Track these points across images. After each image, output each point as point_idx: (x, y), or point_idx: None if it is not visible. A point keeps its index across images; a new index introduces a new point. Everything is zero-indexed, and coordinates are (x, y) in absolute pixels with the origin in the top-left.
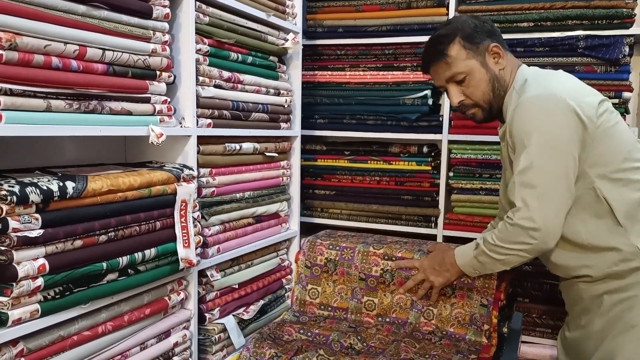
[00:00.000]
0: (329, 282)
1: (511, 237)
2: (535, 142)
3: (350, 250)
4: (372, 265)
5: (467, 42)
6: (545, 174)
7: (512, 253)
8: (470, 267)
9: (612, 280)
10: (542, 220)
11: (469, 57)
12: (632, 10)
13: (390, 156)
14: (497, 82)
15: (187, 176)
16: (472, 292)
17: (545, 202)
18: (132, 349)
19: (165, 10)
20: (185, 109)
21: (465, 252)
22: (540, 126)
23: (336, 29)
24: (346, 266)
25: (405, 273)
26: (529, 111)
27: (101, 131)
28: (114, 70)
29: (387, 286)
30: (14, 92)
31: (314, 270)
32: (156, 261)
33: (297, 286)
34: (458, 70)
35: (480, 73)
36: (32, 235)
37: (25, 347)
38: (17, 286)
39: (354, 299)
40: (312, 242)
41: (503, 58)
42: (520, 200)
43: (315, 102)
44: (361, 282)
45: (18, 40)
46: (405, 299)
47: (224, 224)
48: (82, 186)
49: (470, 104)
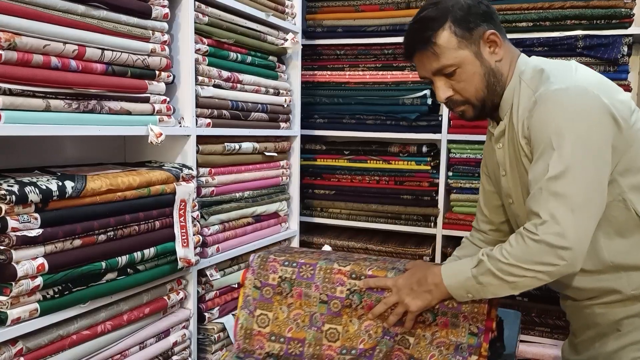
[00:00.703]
0: (283, 307)
1: (534, 256)
2: (570, 144)
3: (310, 267)
4: (336, 285)
5: (459, 27)
6: (582, 182)
7: (531, 275)
8: (464, 289)
9: (638, 303)
10: (575, 237)
11: (460, 46)
12: (630, 10)
13: (389, 156)
14: (493, 77)
15: (187, 176)
16: (458, 318)
17: (580, 216)
18: (131, 348)
19: (164, 10)
20: (184, 109)
21: (458, 270)
22: (575, 125)
23: (335, 29)
24: (305, 286)
25: (377, 294)
26: (558, 107)
27: (100, 131)
28: (113, 70)
29: (354, 310)
30: (13, 92)
31: (264, 291)
32: (155, 260)
33: (243, 312)
34: (447, 62)
35: (473, 66)
36: (31, 234)
37: (24, 346)
38: (16, 285)
39: (313, 327)
40: (264, 257)
41: (501, 47)
42: (546, 212)
43: (314, 102)
44: (322, 306)
45: (17, 40)
46: (375, 326)
47: (224, 223)
48: (81, 186)
49: (460, 101)
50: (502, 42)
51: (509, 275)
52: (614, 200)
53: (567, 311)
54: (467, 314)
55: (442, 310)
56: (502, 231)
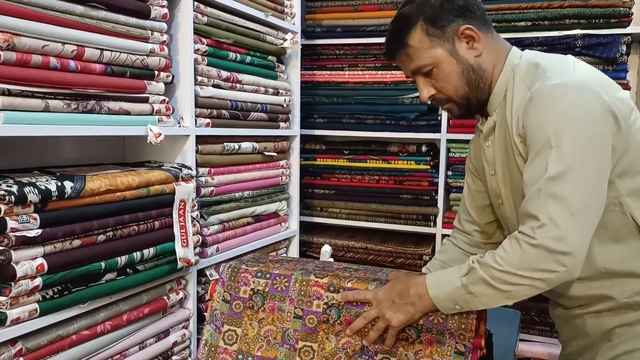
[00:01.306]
0: (253, 322)
1: (531, 263)
2: (569, 143)
3: (285, 279)
4: (312, 299)
5: (430, 26)
6: (582, 184)
7: (527, 283)
8: (451, 300)
9: (631, 311)
10: (575, 242)
11: (432, 45)
12: (629, 9)
13: (389, 155)
14: (472, 73)
15: (186, 176)
16: (444, 335)
17: (580, 220)
18: (131, 348)
19: (163, 10)
20: (183, 109)
21: (445, 280)
22: (574, 123)
23: (335, 29)
24: (278, 299)
25: (357, 309)
26: (557, 104)
27: (99, 131)
28: (112, 70)
29: (331, 326)
30: (12, 92)
31: (234, 305)
32: (155, 260)
33: (209, 327)
34: (422, 63)
35: (449, 64)
36: (31, 235)
37: (24, 346)
38: (16, 286)
39: (285, 345)
40: (235, 268)
41: (480, 41)
42: (544, 215)
43: (314, 102)
44: (296, 322)
45: (16, 41)
46: (354, 343)
47: (223, 223)
48: (80, 186)
49: (443, 99)
50: (481, 36)
51: (504, 283)
52: (610, 204)
53: (556, 321)
54: (454, 331)
55: (426, 326)
56: (487, 233)
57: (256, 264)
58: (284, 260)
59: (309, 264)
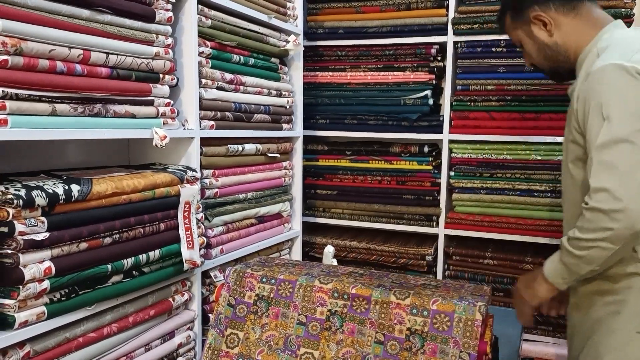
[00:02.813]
0: (256, 327)
1: (590, 225)
2: (617, 113)
3: (290, 285)
4: (316, 305)
5: (513, 12)
6: (629, 150)
7: (594, 245)
8: (559, 275)
9: (605, 282)
10: (626, 197)
11: (515, 28)
12: (630, 10)
13: (391, 156)
14: (549, 50)
15: (191, 178)
16: (448, 344)
17: (629, 180)
18: (137, 350)
19: (168, 14)
20: (188, 111)
21: (552, 259)
22: (620, 95)
23: (337, 30)
24: (283, 305)
25: (360, 316)
26: (601, 82)
27: (105, 134)
28: (118, 73)
29: (333, 334)
30: (19, 97)
31: (238, 310)
32: (160, 262)
33: (213, 330)
34: (513, 39)
35: (528, 44)
36: (38, 238)
37: (31, 349)
38: (24, 289)
39: (287, 351)
40: (240, 272)
41: (553, 24)
42: (596, 181)
43: (316, 103)
44: (299, 328)
45: (23, 46)
46: (355, 353)
47: (227, 224)
48: (87, 189)
49: (539, 68)
50: (558, 17)
51: (579, 249)
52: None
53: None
54: (459, 339)
55: (431, 334)
56: None
57: (262, 268)
58: (290, 264)
59: (315, 268)
